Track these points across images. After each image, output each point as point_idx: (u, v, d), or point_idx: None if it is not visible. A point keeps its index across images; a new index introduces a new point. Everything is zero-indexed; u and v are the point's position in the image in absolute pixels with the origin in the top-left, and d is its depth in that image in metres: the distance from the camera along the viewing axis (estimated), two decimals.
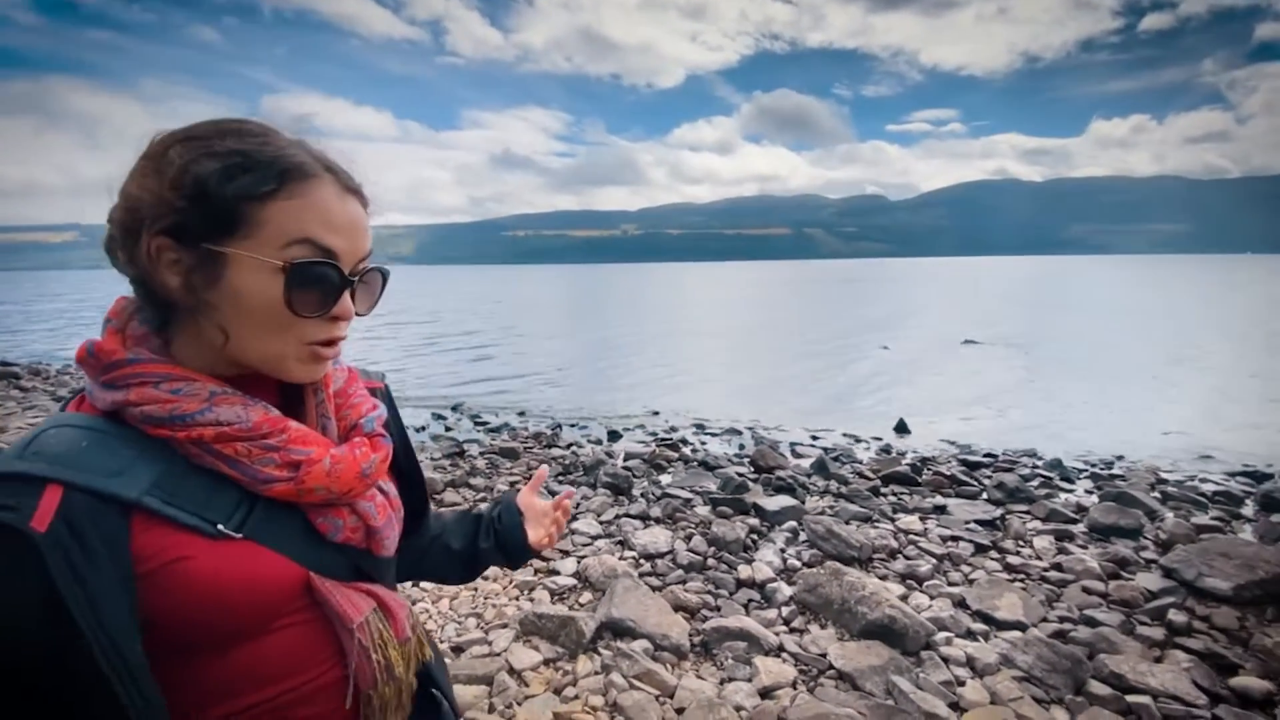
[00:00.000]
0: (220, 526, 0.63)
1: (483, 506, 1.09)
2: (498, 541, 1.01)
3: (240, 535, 0.64)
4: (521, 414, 8.96)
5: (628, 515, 4.82)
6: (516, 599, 3.49)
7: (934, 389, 10.35)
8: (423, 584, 3.62)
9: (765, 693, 2.72)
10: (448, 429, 8.02)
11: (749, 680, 2.80)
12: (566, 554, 4.07)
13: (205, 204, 0.62)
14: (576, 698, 2.62)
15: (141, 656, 0.58)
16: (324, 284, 0.66)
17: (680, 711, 2.55)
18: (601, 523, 4.67)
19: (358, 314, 0.72)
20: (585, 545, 4.26)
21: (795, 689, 2.76)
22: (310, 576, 0.68)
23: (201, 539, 0.62)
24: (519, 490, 1.08)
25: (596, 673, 2.78)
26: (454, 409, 9.27)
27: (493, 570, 3.69)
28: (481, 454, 6.63)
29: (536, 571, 3.81)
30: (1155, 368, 11.77)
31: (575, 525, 4.53)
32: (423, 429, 8.01)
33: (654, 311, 29.73)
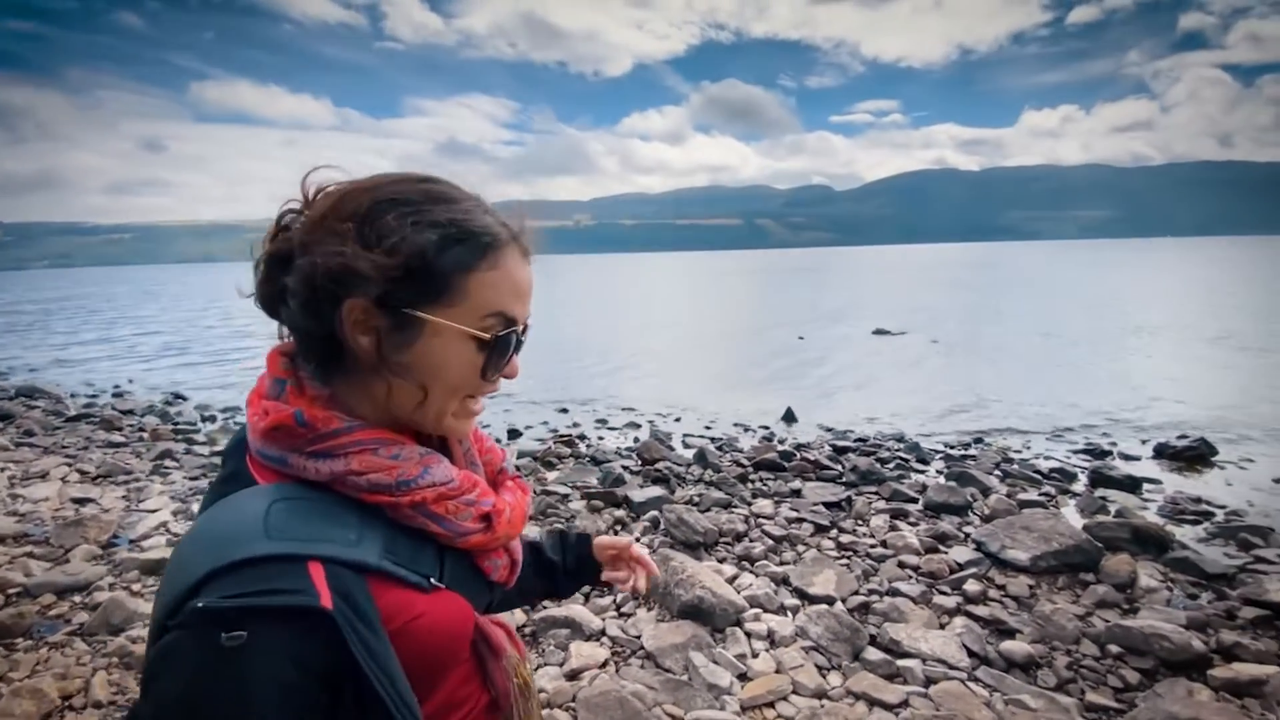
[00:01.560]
0: (432, 580, 0.66)
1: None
2: (574, 573, 1.05)
3: (443, 586, 0.68)
4: None
5: None
6: None
7: (831, 378, 10.81)
8: None
9: (572, 675, 2.87)
10: None
11: (560, 665, 2.94)
12: None
13: (422, 274, 0.63)
14: None
15: (418, 708, 0.61)
16: (508, 349, 0.69)
17: None
18: None
19: (513, 375, 0.75)
20: None
21: (604, 669, 2.92)
22: (474, 619, 0.72)
23: (422, 594, 0.64)
24: (597, 539, 1.08)
25: None
26: None
27: None
28: None
29: None
30: (1050, 350, 12.59)
31: None
32: None
33: (588, 305, 29.75)
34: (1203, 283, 31.16)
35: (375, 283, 0.61)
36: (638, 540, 4.32)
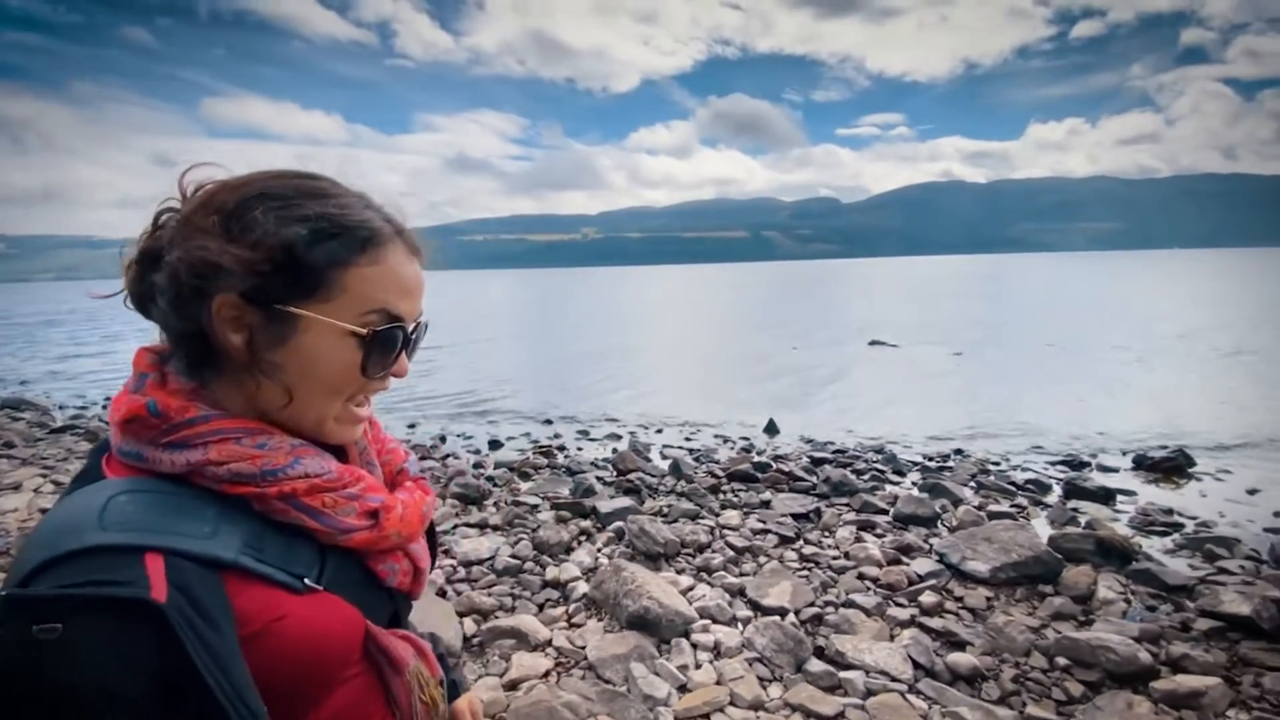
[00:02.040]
0: (307, 581, 0.61)
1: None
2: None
3: (321, 587, 0.63)
4: (412, 426, 8.92)
5: (467, 524, 4.90)
6: None
7: (818, 390, 10.79)
8: None
9: (511, 685, 2.85)
10: None
11: (501, 675, 2.93)
12: None
13: (290, 268, 0.61)
14: None
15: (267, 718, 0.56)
16: (392, 347, 0.66)
17: None
18: None
19: (402, 374, 0.72)
20: None
21: (544, 680, 2.91)
22: (366, 626, 0.67)
23: (291, 595, 0.60)
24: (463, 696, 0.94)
25: None
26: None
27: None
28: None
29: None
30: (1045, 361, 12.55)
31: None
32: None
33: (585, 317, 29.81)
34: (1208, 294, 31.03)
35: (240, 277, 0.59)
36: (600, 550, 4.33)
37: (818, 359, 14.14)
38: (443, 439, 8.01)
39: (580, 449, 7.43)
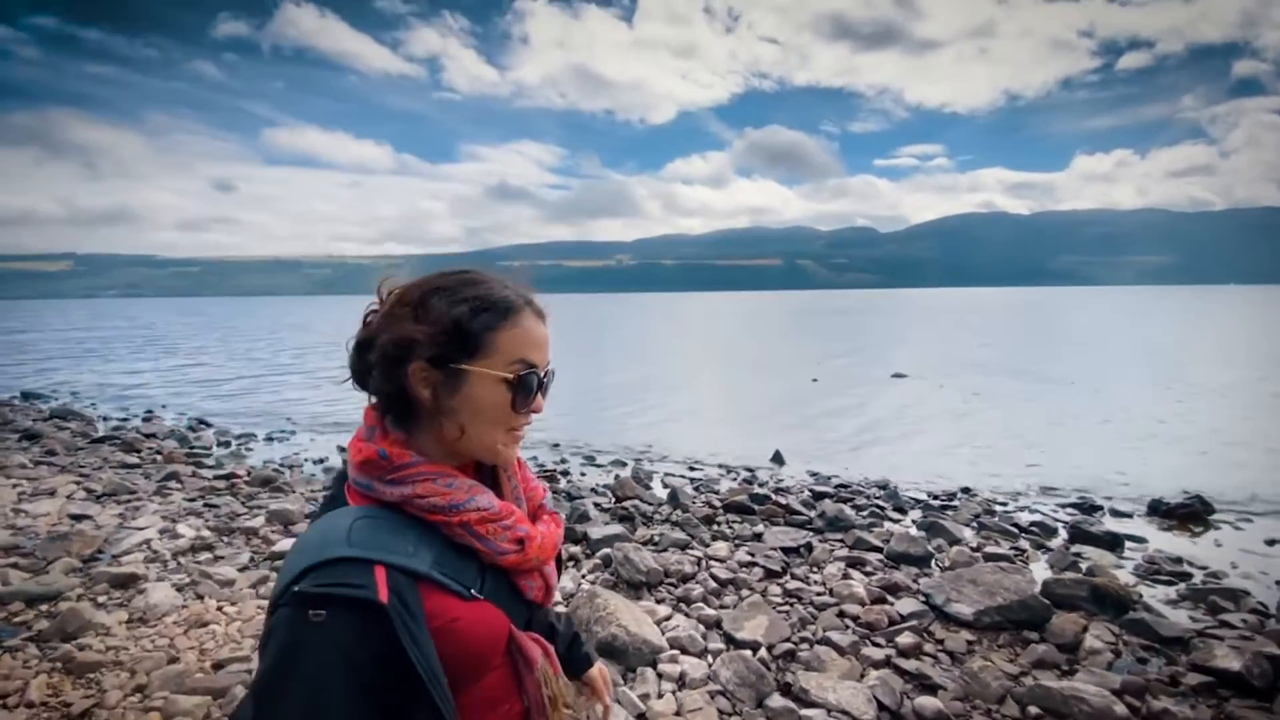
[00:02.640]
0: (473, 591, 0.83)
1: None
2: (572, 663, 1.13)
3: (483, 597, 0.84)
4: None
5: None
6: None
7: (832, 422, 10.67)
8: (207, 600, 3.81)
9: None
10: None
11: None
12: None
13: (459, 336, 0.84)
14: None
15: (449, 692, 0.76)
16: (533, 387, 0.88)
17: None
18: None
19: (539, 410, 0.94)
20: None
21: None
22: (511, 628, 0.87)
23: (462, 602, 0.81)
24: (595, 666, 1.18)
25: None
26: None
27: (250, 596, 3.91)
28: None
29: None
30: (1071, 400, 12.17)
31: None
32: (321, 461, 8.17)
33: (608, 344, 30.04)
34: (1261, 332, 29.67)
35: (426, 346, 0.82)
36: (585, 576, 4.39)
37: (836, 391, 13.99)
38: None
39: (584, 474, 7.52)
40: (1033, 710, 2.92)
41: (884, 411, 11.59)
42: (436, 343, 0.83)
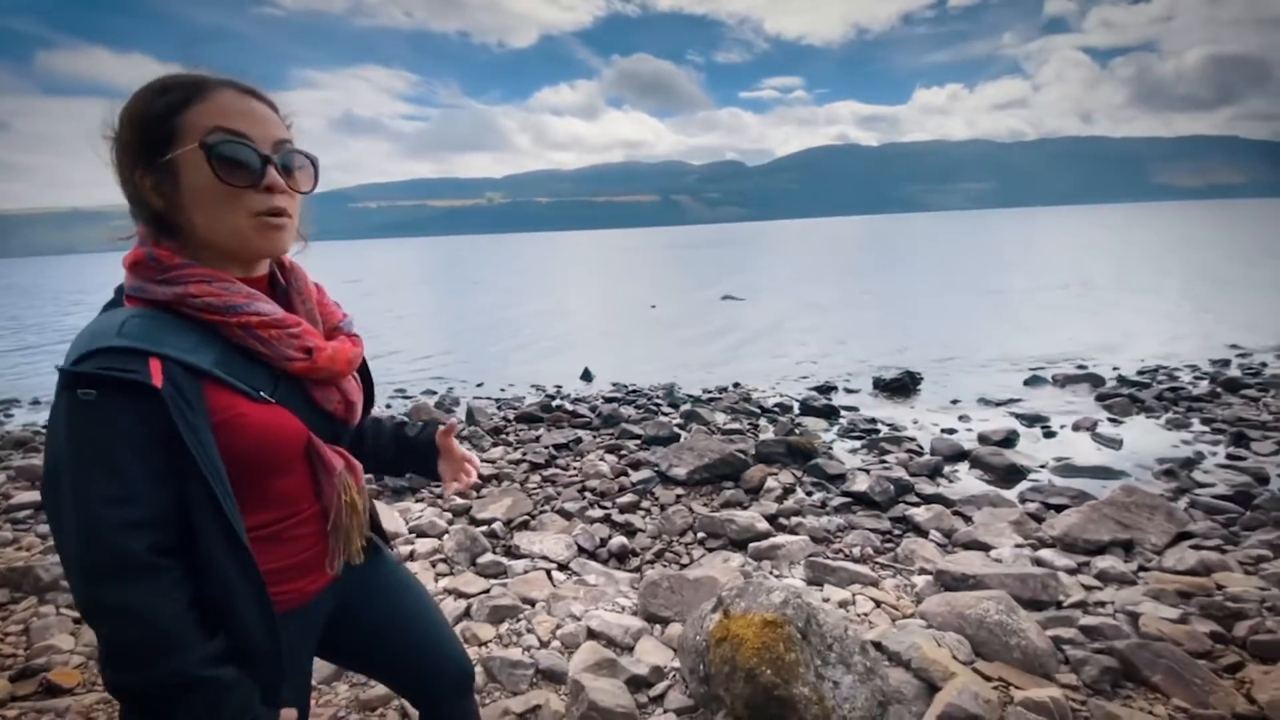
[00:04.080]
0: (262, 394, 0.86)
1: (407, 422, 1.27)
2: (415, 450, 1.21)
3: (274, 400, 0.87)
4: None
5: None
6: None
7: (649, 341, 11.48)
8: None
9: None
10: None
11: None
12: None
13: (148, 129, 0.82)
14: None
15: (227, 478, 0.81)
16: (243, 158, 0.83)
17: None
18: None
19: (301, 191, 0.90)
20: None
21: None
22: (309, 435, 0.92)
23: (250, 401, 0.84)
24: (440, 427, 1.22)
25: None
26: None
27: None
28: None
29: None
30: (870, 310, 13.87)
31: None
32: None
33: (476, 285, 29.28)
34: (1039, 246, 34.86)
35: (133, 150, 0.83)
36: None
37: (669, 315, 14.87)
38: None
39: (389, 405, 7.60)
40: (700, 534, 3.64)
41: (700, 329, 12.56)
42: (139, 144, 0.83)
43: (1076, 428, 5.57)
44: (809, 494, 4.33)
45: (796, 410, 6.37)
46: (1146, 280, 16.40)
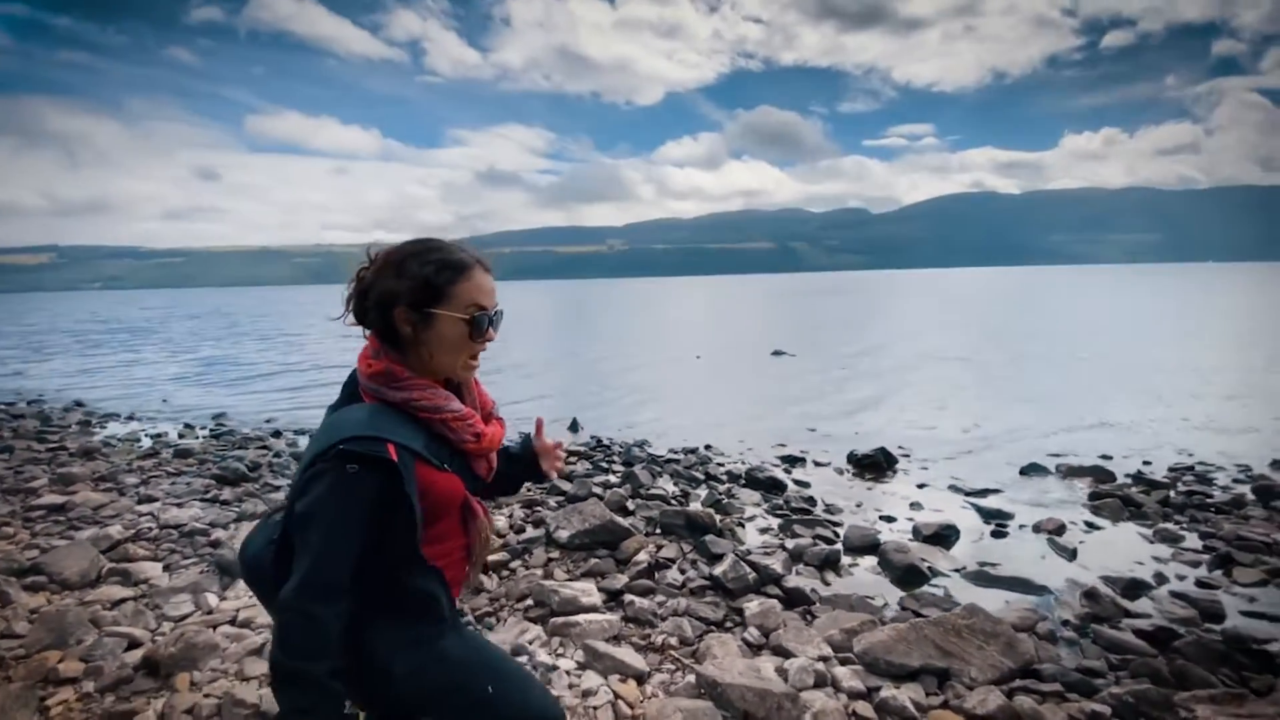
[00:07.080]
0: (445, 465, 1.25)
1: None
2: (522, 462, 1.59)
3: (450, 470, 1.26)
4: (299, 431, 9.70)
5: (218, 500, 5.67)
6: None
7: (659, 394, 11.45)
8: None
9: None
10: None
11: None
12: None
13: (428, 289, 1.22)
14: None
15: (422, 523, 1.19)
16: (483, 326, 1.28)
17: None
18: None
19: (492, 339, 1.34)
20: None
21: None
22: (465, 493, 1.30)
23: (437, 471, 1.23)
24: (530, 435, 1.62)
25: None
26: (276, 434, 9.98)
27: None
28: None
29: None
30: (912, 373, 13.04)
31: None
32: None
33: (580, 328, 30.48)
34: (1177, 311, 31.02)
35: (406, 296, 1.22)
36: None
37: (712, 367, 14.75)
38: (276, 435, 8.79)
39: None
40: (529, 602, 3.67)
41: (723, 383, 12.36)
42: (413, 294, 1.21)
43: (1037, 529, 4.98)
44: (683, 571, 4.21)
45: (742, 480, 6.15)
46: None
